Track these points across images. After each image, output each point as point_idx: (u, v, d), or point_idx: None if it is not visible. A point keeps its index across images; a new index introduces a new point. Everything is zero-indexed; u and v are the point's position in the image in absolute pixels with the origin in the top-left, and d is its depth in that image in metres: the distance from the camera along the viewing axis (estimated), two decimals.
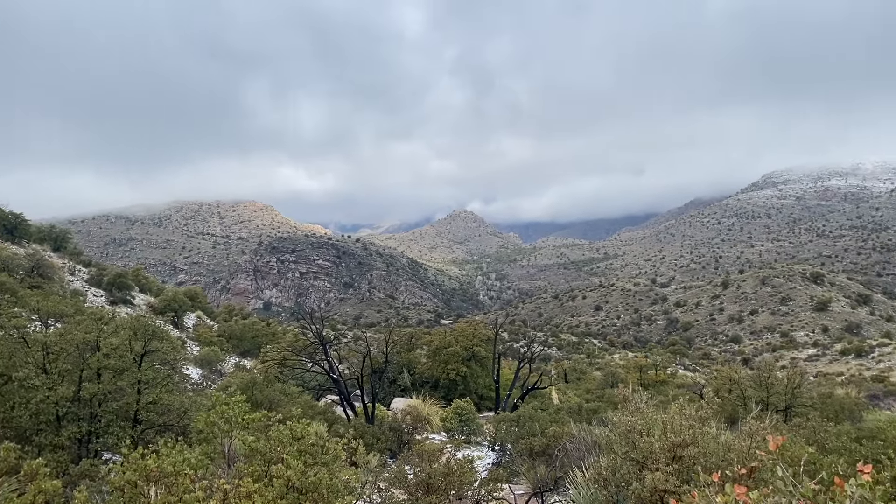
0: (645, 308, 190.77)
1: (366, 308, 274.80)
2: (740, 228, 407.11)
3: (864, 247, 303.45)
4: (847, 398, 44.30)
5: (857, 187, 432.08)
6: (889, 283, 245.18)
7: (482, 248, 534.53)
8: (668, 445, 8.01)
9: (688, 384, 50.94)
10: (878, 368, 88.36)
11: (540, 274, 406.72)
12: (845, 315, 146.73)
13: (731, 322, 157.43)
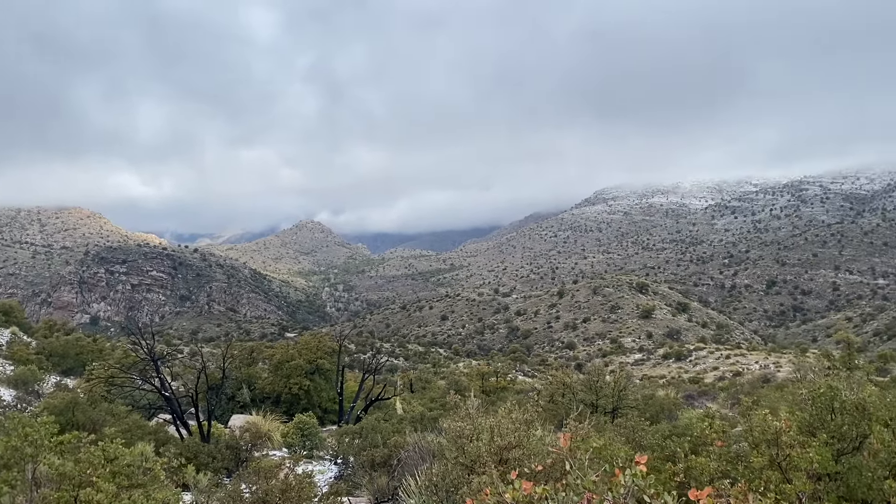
0: (488, 317, 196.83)
1: (204, 322, 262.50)
2: (575, 241, 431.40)
3: (682, 259, 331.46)
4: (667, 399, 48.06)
5: (677, 204, 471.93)
6: (704, 292, 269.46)
7: (330, 259, 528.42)
8: (495, 449, 8.36)
9: (526, 389, 53.14)
10: (694, 371, 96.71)
11: (388, 285, 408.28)
12: (667, 322, 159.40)
13: (566, 329, 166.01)
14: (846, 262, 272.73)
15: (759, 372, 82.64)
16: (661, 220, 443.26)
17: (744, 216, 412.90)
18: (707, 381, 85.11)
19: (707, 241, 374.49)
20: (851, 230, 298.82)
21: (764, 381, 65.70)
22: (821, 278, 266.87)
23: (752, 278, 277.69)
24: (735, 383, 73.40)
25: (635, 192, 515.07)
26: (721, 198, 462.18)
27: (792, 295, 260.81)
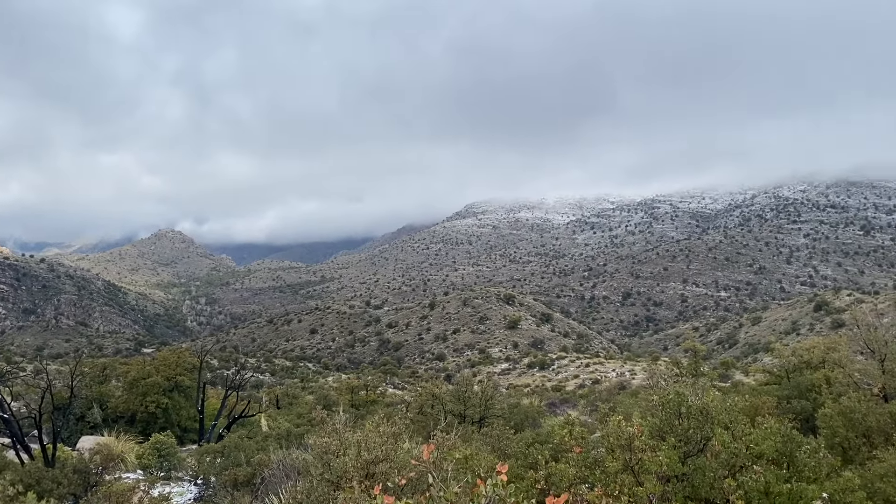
0: (359, 330, 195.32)
1: (51, 337, 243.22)
2: (446, 253, 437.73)
3: (546, 271, 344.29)
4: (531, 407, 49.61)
5: (542, 219, 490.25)
6: (566, 303, 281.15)
7: (191, 270, 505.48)
8: (362, 463, 8.27)
9: (396, 402, 53.11)
10: (557, 379, 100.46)
11: (254, 298, 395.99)
12: (532, 332, 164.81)
13: (436, 341, 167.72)
14: (693, 276, 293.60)
15: (616, 379, 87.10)
16: (527, 234, 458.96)
17: (602, 231, 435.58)
18: (568, 388, 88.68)
19: (569, 255, 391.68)
20: (697, 246, 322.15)
21: (620, 388, 69.28)
22: (671, 290, 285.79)
23: (610, 290, 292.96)
24: (594, 391, 76.93)
25: (503, 206, 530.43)
26: (582, 214, 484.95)
27: (645, 306, 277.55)
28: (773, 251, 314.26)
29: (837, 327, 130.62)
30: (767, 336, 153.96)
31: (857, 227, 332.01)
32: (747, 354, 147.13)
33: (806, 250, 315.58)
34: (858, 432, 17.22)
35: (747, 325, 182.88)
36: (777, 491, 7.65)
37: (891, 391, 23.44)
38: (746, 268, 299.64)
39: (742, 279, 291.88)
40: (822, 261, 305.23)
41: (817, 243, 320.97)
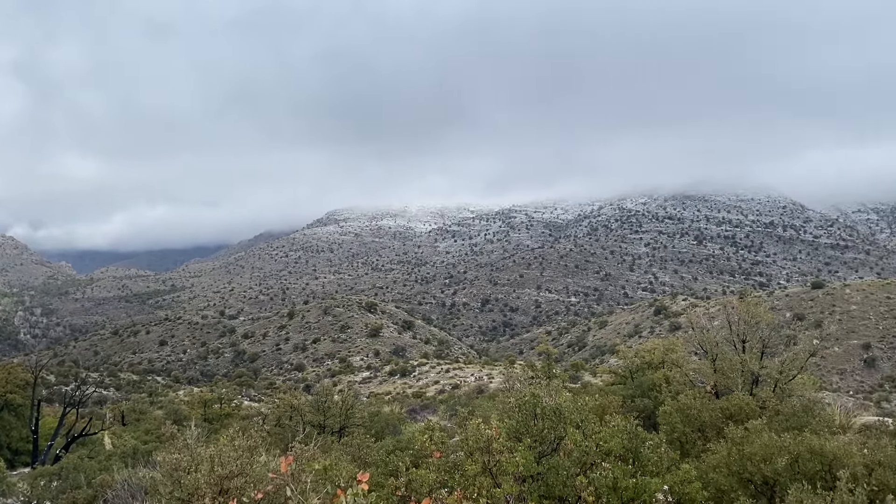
0: (213, 341, 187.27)
1: None
2: (306, 261, 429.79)
3: (409, 279, 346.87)
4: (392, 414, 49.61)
5: (404, 227, 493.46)
6: (428, 310, 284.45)
7: (25, 279, 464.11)
8: (215, 479, 7.90)
9: (252, 415, 51.37)
10: (418, 385, 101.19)
11: (97, 308, 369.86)
12: (393, 340, 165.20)
13: (296, 351, 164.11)
14: (546, 282, 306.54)
15: (475, 384, 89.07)
16: (389, 242, 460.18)
17: (462, 240, 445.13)
18: (429, 394, 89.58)
19: (431, 263, 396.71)
20: (550, 254, 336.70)
21: (479, 392, 70.93)
22: (526, 296, 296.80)
23: (470, 297, 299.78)
24: (454, 395, 78.24)
25: (366, 214, 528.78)
26: (443, 222, 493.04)
27: (502, 312, 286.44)
28: (618, 259, 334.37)
29: (675, 330, 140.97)
30: (613, 339, 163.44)
31: (692, 238, 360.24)
32: (595, 356, 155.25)
33: (647, 258, 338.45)
34: (694, 427, 18.64)
35: (595, 328, 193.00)
36: (624, 486, 8.12)
37: (722, 388, 25.56)
38: (594, 274, 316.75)
39: (590, 285, 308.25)
40: (661, 268, 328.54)
41: (657, 252, 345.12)
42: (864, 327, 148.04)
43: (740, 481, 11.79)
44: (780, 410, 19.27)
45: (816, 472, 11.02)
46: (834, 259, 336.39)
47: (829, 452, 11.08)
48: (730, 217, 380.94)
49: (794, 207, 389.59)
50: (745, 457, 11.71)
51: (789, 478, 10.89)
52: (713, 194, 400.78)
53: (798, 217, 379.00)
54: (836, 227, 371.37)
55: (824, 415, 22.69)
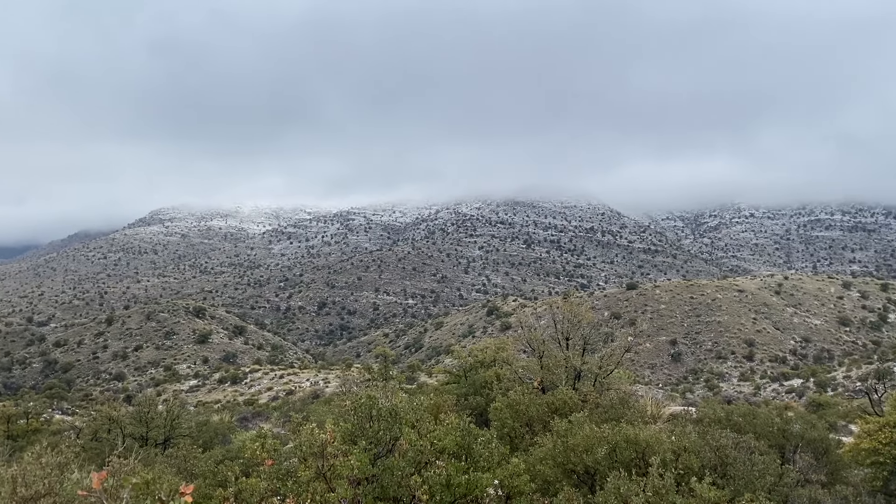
0: (18, 350, 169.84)
1: None
2: (127, 263, 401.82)
3: (240, 282, 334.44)
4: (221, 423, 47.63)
5: (237, 228, 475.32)
6: (261, 314, 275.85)
7: None
8: (18, 501, 7.13)
9: (65, 429, 47.22)
10: (250, 393, 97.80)
11: None
12: (224, 346, 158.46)
13: (115, 359, 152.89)
14: (384, 285, 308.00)
15: (311, 388, 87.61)
16: (220, 244, 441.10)
17: (299, 242, 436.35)
18: (262, 401, 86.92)
19: (265, 265, 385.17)
20: (388, 257, 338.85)
21: (314, 397, 69.83)
22: (364, 299, 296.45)
23: (306, 300, 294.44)
24: (288, 401, 76.49)
25: (194, 214, 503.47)
26: (279, 224, 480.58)
27: (340, 315, 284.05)
28: (454, 262, 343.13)
29: (506, 329, 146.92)
30: (448, 339, 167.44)
31: (521, 242, 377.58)
32: (432, 357, 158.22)
33: (480, 261, 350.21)
34: (523, 422, 19.49)
35: (431, 329, 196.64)
36: (457, 482, 8.30)
37: (548, 384, 26.96)
38: (431, 277, 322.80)
39: (427, 287, 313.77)
40: (493, 270, 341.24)
41: (490, 255, 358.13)
42: (671, 325, 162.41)
43: (565, 472, 12.48)
44: (600, 403, 20.67)
45: (632, 459, 11.91)
46: (646, 262, 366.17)
47: (643, 441, 12.01)
48: (556, 223, 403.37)
49: (612, 214, 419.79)
50: (569, 448, 12.42)
51: (608, 466, 11.67)
52: (541, 201, 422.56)
53: (615, 223, 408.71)
54: (648, 233, 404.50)
55: (638, 406, 24.62)
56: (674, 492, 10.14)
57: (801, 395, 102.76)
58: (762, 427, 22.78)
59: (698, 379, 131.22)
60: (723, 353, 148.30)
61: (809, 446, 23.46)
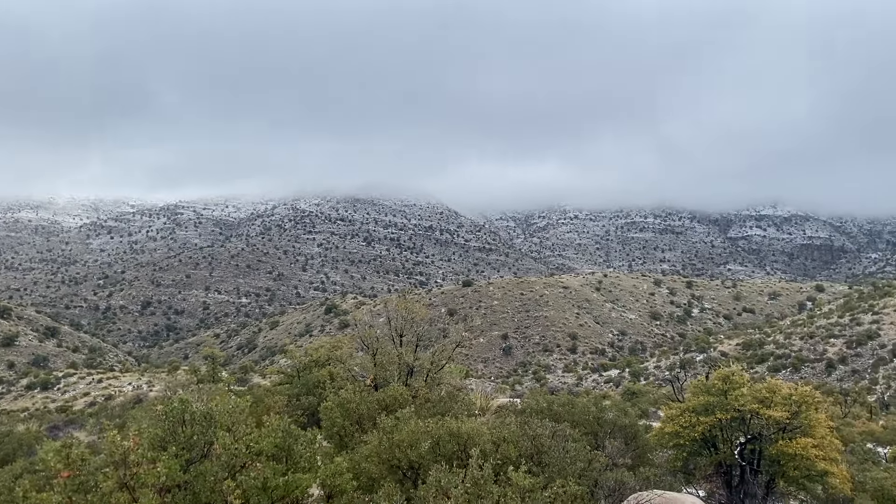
0: None
1: None
2: None
3: (53, 280, 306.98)
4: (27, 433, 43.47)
5: (49, 221, 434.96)
6: (77, 314, 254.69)
7: None
8: None
9: None
10: (63, 399, 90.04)
11: None
12: (33, 349, 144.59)
13: None
14: (216, 283, 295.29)
15: (133, 393, 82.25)
16: (29, 238, 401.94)
17: (121, 237, 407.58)
18: (77, 408, 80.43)
19: (81, 262, 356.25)
20: (221, 253, 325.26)
21: (136, 402, 65.58)
22: (193, 298, 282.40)
23: (128, 299, 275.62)
24: (107, 407, 71.33)
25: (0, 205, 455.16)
26: (98, 217, 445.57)
27: (166, 315, 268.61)
28: (291, 259, 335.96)
29: (344, 327, 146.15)
30: (284, 339, 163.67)
31: (361, 239, 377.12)
32: (266, 357, 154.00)
33: (319, 258, 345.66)
34: (353, 420, 19.43)
35: (266, 329, 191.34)
36: (274, 485, 8.10)
37: (381, 381, 27.10)
38: (266, 275, 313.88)
39: (262, 285, 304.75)
40: (332, 268, 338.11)
41: (329, 252, 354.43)
42: (503, 320, 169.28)
43: (390, 468, 12.59)
44: (430, 398, 21.07)
45: (454, 452, 12.24)
46: (481, 260, 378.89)
47: (465, 433, 12.39)
48: (396, 220, 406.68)
49: (449, 214, 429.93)
50: (394, 444, 12.55)
51: (431, 460, 11.92)
52: (382, 199, 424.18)
53: (453, 222, 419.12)
54: (483, 233, 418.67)
55: (466, 399, 25.40)
56: (491, 481, 10.54)
57: (617, 384, 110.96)
58: (579, 415, 24.31)
59: (527, 371, 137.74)
60: (549, 347, 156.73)
61: (621, 432, 25.37)
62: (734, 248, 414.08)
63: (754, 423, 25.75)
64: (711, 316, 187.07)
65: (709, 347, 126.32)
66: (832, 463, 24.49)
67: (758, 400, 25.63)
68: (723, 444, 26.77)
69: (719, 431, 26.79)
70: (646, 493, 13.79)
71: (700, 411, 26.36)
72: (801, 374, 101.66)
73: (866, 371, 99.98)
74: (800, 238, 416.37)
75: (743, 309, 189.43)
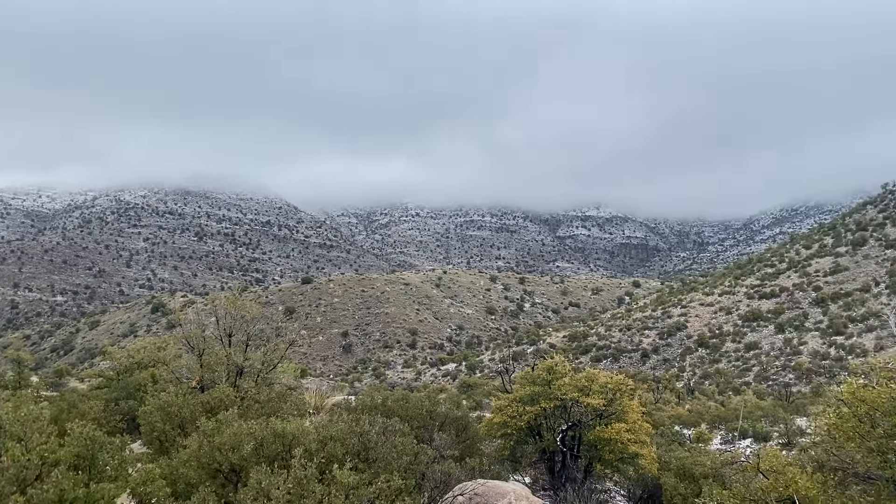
0: None
1: None
2: None
3: None
4: None
5: None
6: None
7: None
8: None
9: None
10: None
11: None
12: None
13: None
14: (26, 280, 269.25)
15: None
16: None
17: None
18: None
19: None
20: (32, 247, 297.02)
21: None
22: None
23: None
24: None
25: None
26: None
27: None
28: (114, 254, 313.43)
29: (172, 327, 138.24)
30: (105, 340, 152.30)
31: (193, 234, 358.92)
32: (85, 360, 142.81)
33: (146, 254, 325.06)
34: (175, 424, 18.42)
35: (85, 329, 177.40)
36: (73, 497, 7.47)
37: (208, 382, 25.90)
38: (86, 271, 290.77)
39: (81, 283, 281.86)
40: (160, 264, 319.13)
41: (156, 247, 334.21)
42: (344, 317, 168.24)
43: (210, 472, 12.07)
44: (258, 399, 20.48)
45: (278, 452, 11.95)
46: (321, 257, 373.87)
47: (290, 433, 12.14)
48: (230, 215, 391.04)
49: (289, 209, 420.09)
50: (215, 447, 12.05)
51: (255, 462, 11.56)
52: (214, 191, 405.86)
53: (292, 218, 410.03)
54: (324, 229, 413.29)
55: (297, 399, 24.92)
56: (315, 480, 10.41)
57: (454, 377, 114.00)
58: (413, 410, 24.66)
59: (367, 368, 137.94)
60: (389, 343, 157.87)
61: (453, 424, 26.04)
62: (562, 247, 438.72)
63: (575, 411, 27.45)
64: (541, 310, 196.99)
65: (539, 340, 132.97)
66: (642, 446, 26.60)
67: (578, 389, 27.32)
68: (547, 431, 28.29)
69: (544, 420, 28.30)
70: (470, 484, 14.25)
71: (527, 401, 27.68)
72: (620, 363, 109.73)
73: (675, 359, 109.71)
74: (620, 237, 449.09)
75: (569, 303, 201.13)
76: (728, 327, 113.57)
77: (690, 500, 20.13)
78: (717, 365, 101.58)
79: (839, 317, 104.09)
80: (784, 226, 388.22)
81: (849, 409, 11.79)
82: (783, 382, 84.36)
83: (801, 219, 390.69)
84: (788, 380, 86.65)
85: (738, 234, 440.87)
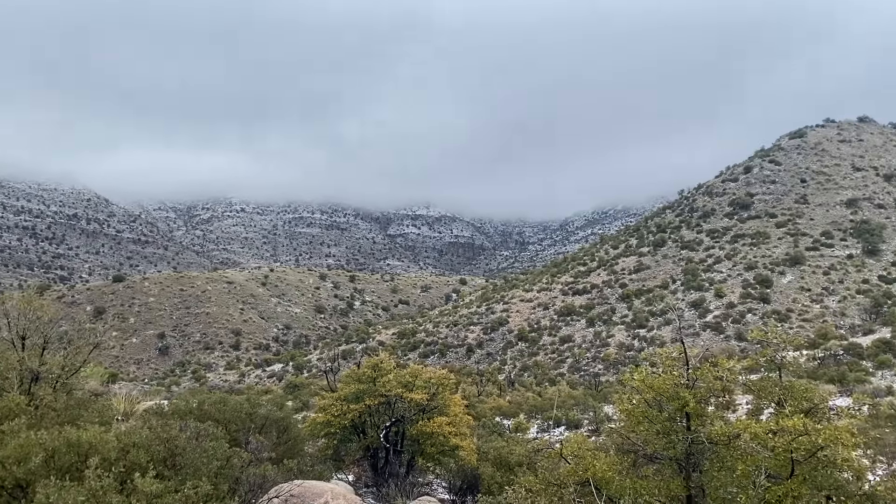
0: None
1: None
2: None
3: None
4: None
5: None
6: None
7: None
8: None
9: None
10: None
11: None
12: None
13: None
14: None
15: None
16: None
17: None
18: None
19: None
20: None
21: None
22: None
23: None
24: None
25: None
26: None
27: None
28: None
29: None
30: None
31: None
32: None
33: None
34: None
35: None
36: None
37: None
38: None
39: None
40: None
41: None
42: (160, 318, 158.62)
43: None
44: (55, 407, 18.71)
45: (72, 464, 10.99)
46: (136, 253, 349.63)
47: (86, 443, 11.20)
48: (30, 206, 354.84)
49: (98, 201, 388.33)
50: None
51: (43, 475, 10.55)
52: (10, 180, 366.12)
53: (103, 211, 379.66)
54: (138, 223, 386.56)
55: (102, 405, 23.09)
56: (114, 491, 9.69)
57: (281, 378, 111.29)
58: (231, 413, 23.73)
59: (186, 371, 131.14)
60: (211, 344, 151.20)
61: (274, 426, 25.39)
62: (393, 245, 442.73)
63: (399, 407, 27.81)
64: (371, 308, 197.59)
65: (368, 338, 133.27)
66: (463, 438, 27.48)
67: (402, 384, 27.72)
68: (371, 429, 28.43)
69: (368, 417, 28.41)
70: (286, 485, 13.94)
71: (351, 399, 27.65)
72: (447, 358, 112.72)
73: (498, 353, 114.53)
74: (448, 236, 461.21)
75: (399, 301, 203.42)
76: (545, 322, 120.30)
77: (506, 487, 21.06)
78: (536, 357, 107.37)
79: (642, 311, 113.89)
80: (595, 227, 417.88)
81: (640, 396, 12.90)
82: (593, 372, 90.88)
83: (611, 221, 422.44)
84: (598, 370, 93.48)
85: (556, 234, 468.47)
